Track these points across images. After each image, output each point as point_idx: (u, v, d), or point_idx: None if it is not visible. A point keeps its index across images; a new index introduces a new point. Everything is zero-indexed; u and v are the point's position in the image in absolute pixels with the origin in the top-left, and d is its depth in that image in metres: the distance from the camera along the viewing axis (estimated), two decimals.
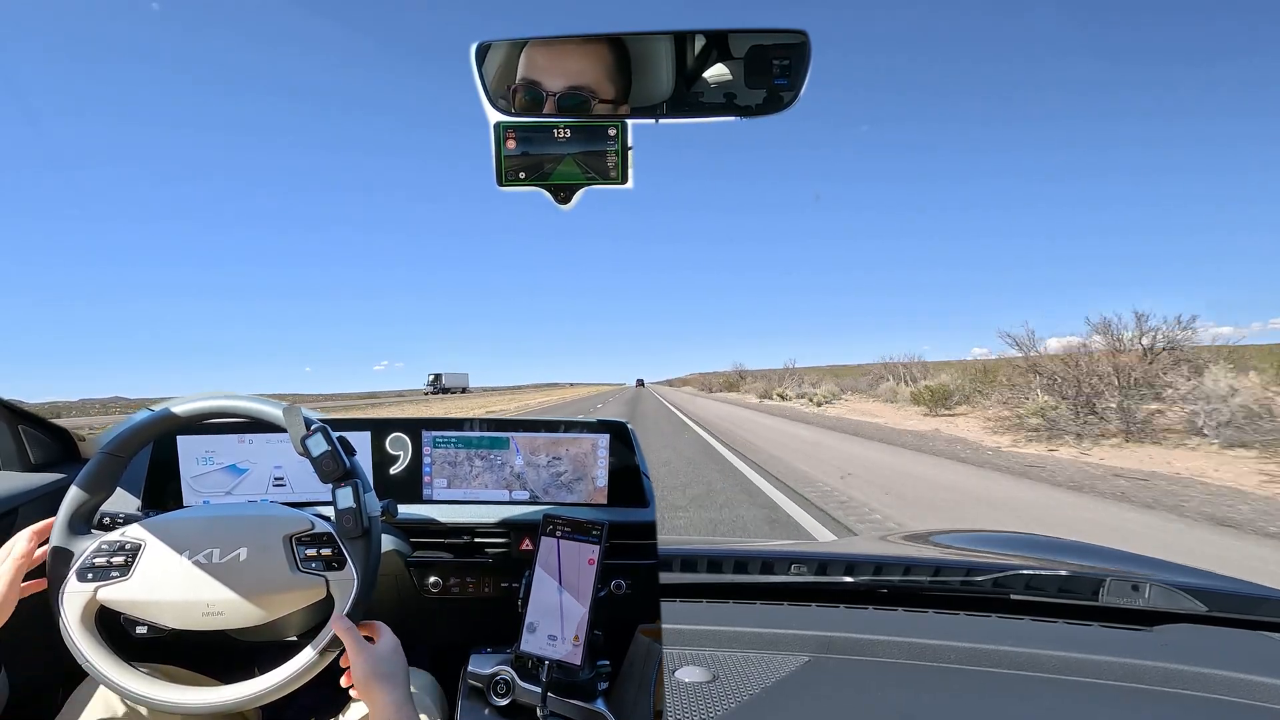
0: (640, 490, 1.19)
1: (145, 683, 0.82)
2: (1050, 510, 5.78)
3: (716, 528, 5.05)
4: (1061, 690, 0.89)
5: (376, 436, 1.21)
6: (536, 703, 0.87)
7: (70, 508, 0.85)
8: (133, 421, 0.90)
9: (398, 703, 0.80)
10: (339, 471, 0.84)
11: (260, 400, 0.88)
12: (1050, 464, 8.48)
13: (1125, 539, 4.66)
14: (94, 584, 0.82)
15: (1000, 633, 1.05)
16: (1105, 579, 1.14)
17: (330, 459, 0.83)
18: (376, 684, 0.80)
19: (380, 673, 0.81)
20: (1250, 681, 0.87)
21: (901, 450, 10.19)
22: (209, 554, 0.83)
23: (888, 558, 1.36)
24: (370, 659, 0.81)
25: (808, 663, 0.96)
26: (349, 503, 0.84)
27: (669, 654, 0.99)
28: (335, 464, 0.83)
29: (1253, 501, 5.84)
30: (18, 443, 1.11)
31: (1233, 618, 1.09)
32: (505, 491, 1.20)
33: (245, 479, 1.19)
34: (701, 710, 0.85)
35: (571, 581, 0.93)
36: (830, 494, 6.35)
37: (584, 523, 0.96)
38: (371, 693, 0.80)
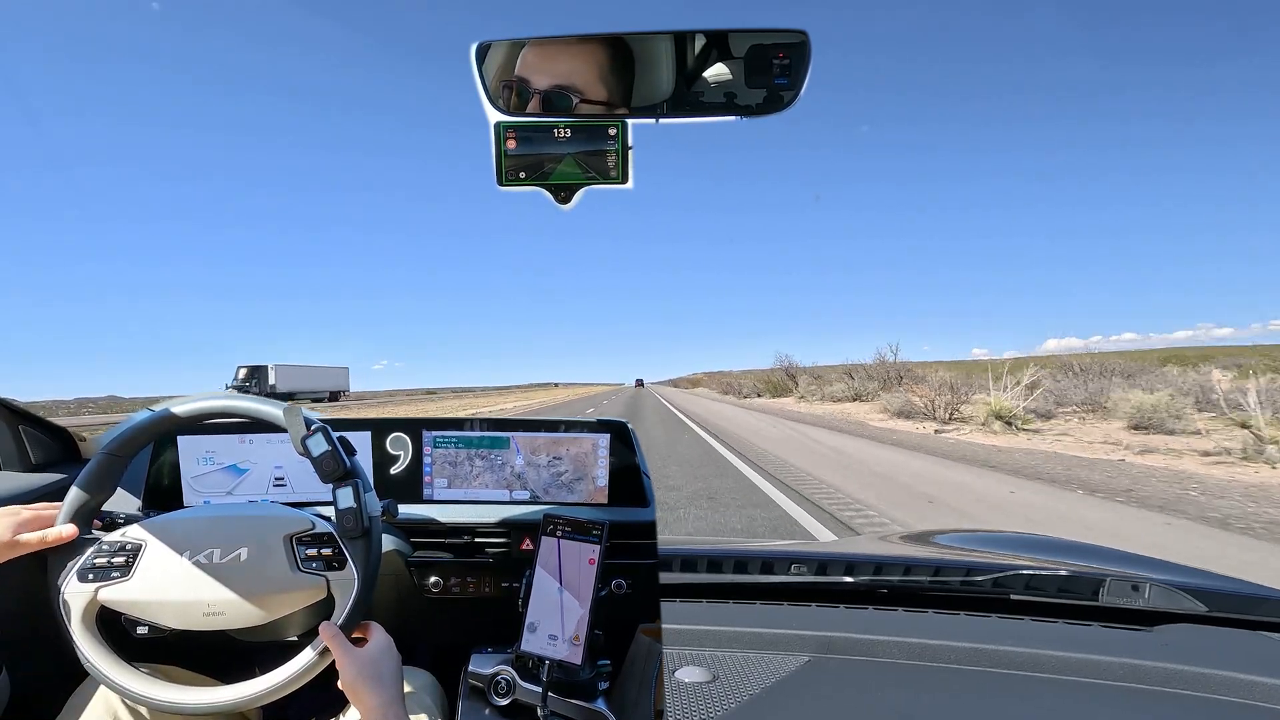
0: (640, 490, 1.19)
1: (146, 683, 0.82)
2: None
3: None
4: (1062, 690, 0.89)
5: (377, 436, 1.21)
6: (537, 702, 0.87)
7: (71, 508, 0.85)
8: (133, 421, 0.90)
9: (384, 705, 0.79)
10: (339, 471, 0.84)
11: (261, 400, 0.88)
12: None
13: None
14: (95, 584, 0.82)
15: (1000, 633, 1.05)
16: (1105, 579, 1.14)
17: (331, 459, 0.83)
18: (363, 686, 0.79)
19: (368, 675, 0.80)
20: (1250, 681, 0.87)
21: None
22: (210, 554, 0.83)
23: (888, 558, 1.36)
24: (356, 661, 0.80)
25: (808, 663, 0.96)
26: (349, 503, 0.84)
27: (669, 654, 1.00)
28: (336, 464, 0.83)
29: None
30: (18, 443, 1.11)
31: (1233, 618, 1.09)
32: (506, 491, 1.20)
33: (246, 479, 1.19)
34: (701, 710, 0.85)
35: (572, 581, 0.93)
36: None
37: (584, 522, 0.96)
38: (359, 695, 0.79)
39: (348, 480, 0.84)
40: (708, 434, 13.39)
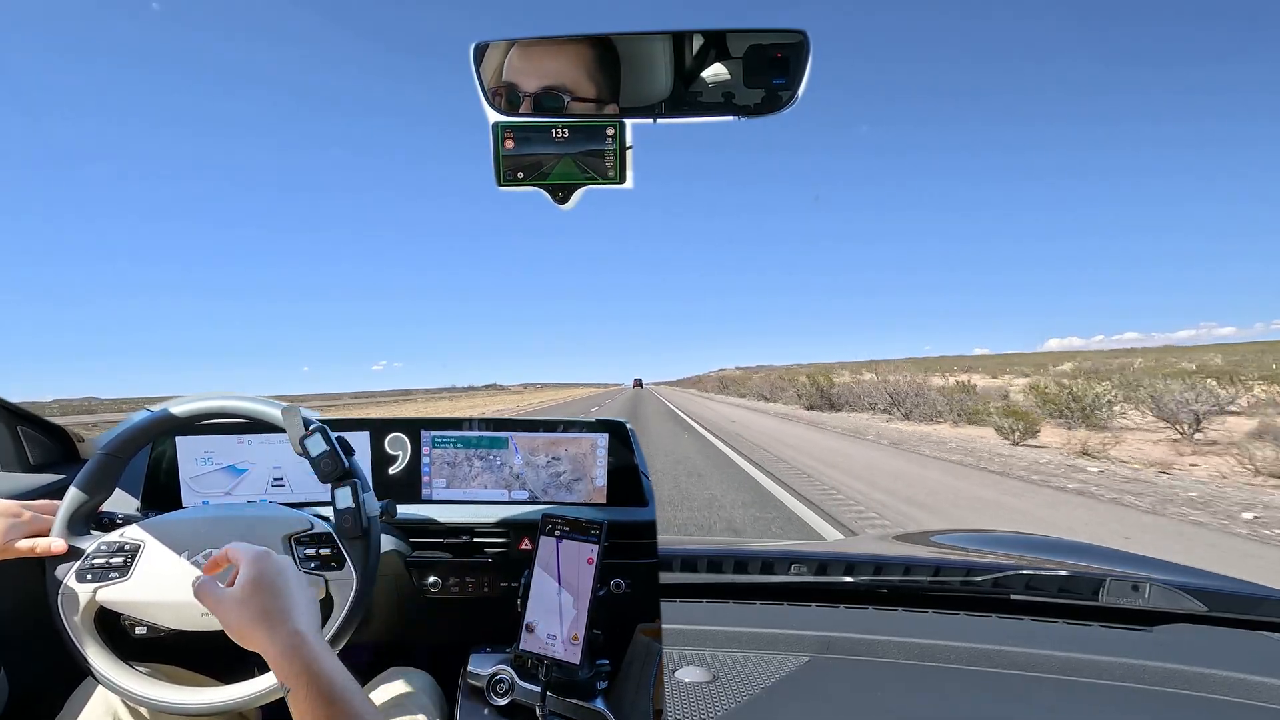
0: (639, 490, 1.19)
1: (145, 683, 0.82)
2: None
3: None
4: (1061, 690, 0.89)
5: (375, 436, 1.21)
6: (536, 702, 0.87)
7: (69, 508, 0.85)
8: (132, 422, 0.90)
9: (284, 647, 0.62)
10: (338, 471, 0.84)
11: (259, 400, 0.89)
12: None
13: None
14: (93, 584, 0.82)
15: (1000, 633, 1.05)
16: (1105, 579, 1.14)
17: (329, 459, 0.83)
18: (250, 630, 0.64)
19: (250, 615, 0.65)
20: (1250, 681, 0.87)
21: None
22: (208, 554, 0.83)
23: (888, 558, 1.36)
24: (231, 605, 0.66)
25: (808, 663, 0.96)
26: (348, 503, 0.84)
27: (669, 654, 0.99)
28: (334, 464, 0.83)
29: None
30: (16, 443, 1.11)
31: (1233, 618, 1.09)
32: (504, 491, 1.20)
33: (244, 479, 1.19)
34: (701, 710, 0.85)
35: (571, 581, 0.93)
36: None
37: (583, 522, 0.96)
38: (251, 642, 0.65)
39: (346, 480, 0.84)
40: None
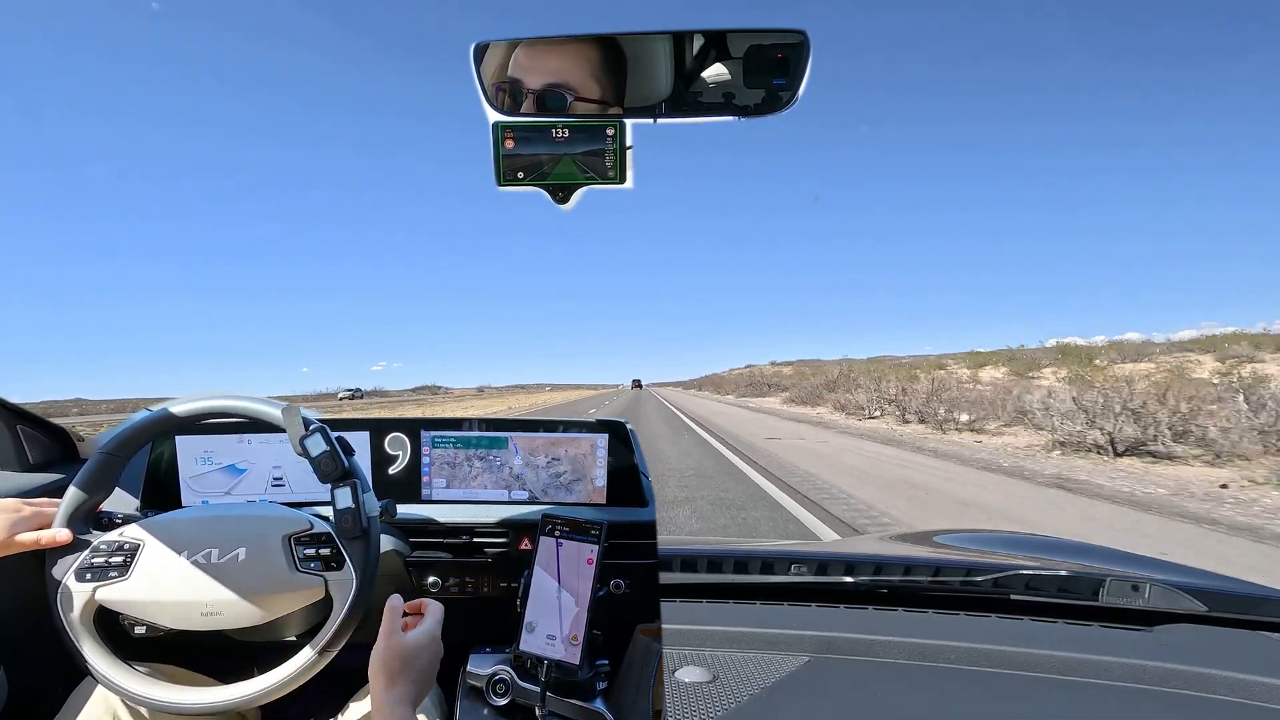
0: (639, 490, 1.19)
1: (145, 683, 0.82)
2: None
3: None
4: (1061, 690, 0.89)
5: (375, 436, 1.21)
6: (535, 702, 0.87)
7: (69, 507, 0.84)
8: (131, 421, 0.90)
9: (391, 701, 0.75)
10: (338, 471, 0.84)
11: (259, 400, 0.88)
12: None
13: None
14: (93, 584, 0.82)
15: (1000, 633, 1.05)
16: (1105, 579, 1.14)
17: (329, 459, 0.83)
18: (381, 674, 0.77)
19: (390, 667, 0.77)
20: (1250, 681, 0.87)
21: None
22: (208, 554, 0.83)
23: (888, 558, 1.36)
24: (386, 648, 0.78)
25: (808, 663, 0.96)
26: (348, 503, 0.84)
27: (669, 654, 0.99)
28: (334, 464, 0.83)
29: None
30: (16, 442, 1.11)
31: (1233, 618, 1.09)
32: (504, 491, 1.20)
33: (244, 479, 1.18)
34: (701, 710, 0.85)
35: (570, 581, 0.93)
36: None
37: (583, 522, 0.96)
38: (373, 682, 0.77)
39: (346, 480, 0.84)
40: None
